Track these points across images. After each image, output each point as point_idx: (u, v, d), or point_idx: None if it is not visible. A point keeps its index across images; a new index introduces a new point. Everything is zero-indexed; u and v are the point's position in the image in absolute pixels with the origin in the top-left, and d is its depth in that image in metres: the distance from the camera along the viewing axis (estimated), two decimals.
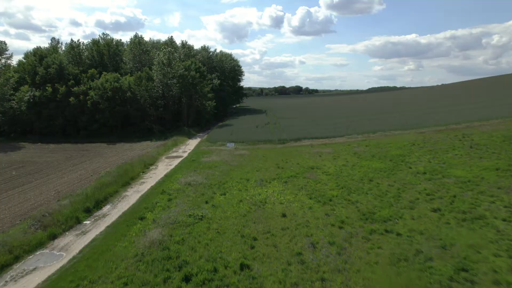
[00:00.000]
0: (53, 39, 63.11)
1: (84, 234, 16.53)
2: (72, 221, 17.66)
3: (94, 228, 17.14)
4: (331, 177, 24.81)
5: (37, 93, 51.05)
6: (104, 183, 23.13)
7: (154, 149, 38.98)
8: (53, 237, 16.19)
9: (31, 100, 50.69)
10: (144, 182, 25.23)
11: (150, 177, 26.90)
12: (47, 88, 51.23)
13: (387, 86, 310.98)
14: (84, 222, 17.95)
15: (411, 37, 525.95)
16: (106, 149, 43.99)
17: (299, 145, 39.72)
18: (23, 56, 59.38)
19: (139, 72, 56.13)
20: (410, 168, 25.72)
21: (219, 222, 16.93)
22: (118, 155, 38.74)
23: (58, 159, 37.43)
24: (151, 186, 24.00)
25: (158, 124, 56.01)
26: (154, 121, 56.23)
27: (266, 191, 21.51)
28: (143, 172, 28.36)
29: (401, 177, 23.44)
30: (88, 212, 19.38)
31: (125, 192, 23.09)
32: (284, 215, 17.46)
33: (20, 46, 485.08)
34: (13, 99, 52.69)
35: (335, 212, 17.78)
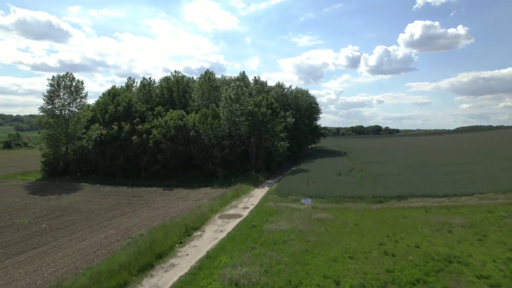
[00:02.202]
0: (129, 78, 63.90)
1: None
2: None
3: None
4: None
5: (104, 131, 49.16)
6: (113, 267, 15.09)
7: (208, 202, 30.91)
8: None
9: (98, 138, 48.83)
10: (173, 266, 16.52)
11: (187, 254, 18.16)
12: (113, 126, 49.09)
13: (480, 126, 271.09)
14: None
15: (507, 71, 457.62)
16: (159, 196, 37.80)
17: (405, 207, 27.46)
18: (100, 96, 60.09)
19: (205, 109, 51.12)
20: None
21: None
22: (167, 207, 31.72)
23: (103, 207, 32.00)
24: (179, 277, 15.10)
25: (223, 167, 49.02)
26: (218, 163, 49.52)
27: None
28: (181, 242, 19.87)
29: None
30: None
31: (138, 286, 14.58)
32: None
33: None
34: (84, 138, 51.87)
35: None
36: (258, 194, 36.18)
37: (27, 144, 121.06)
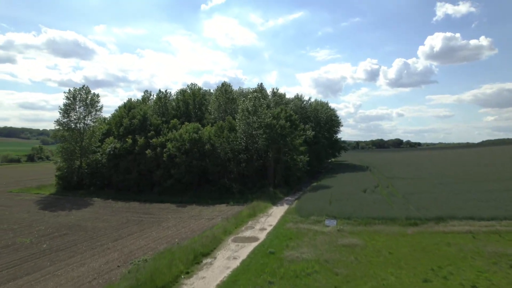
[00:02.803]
0: (145, 91, 63.16)
1: None
2: None
3: None
4: None
5: (118, 145, 47.94)
6: None
7: (222, 222, 28.24)
8: None
9: (111, 152, 47.62)
10: None
11: None
12: (127, 139, 47.82)
13: (507, 139, 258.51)
14: None
15: None
16: (171, 213, 35.55)
17: (446, 231, 23.85)
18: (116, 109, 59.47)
19: (221, 121, 49.15)
20: None
21: None
22: (177, 226, 29.33)
23: (110, 226, 30.01)
24: None
25: (239, 183, 46.47)
26: (234, 178, 47.04)
27: None
28: (187, 272, 17.25)
29: None
30: None
31: None
32: None
33: None
34: (98, 151, 50.88)
35: None
36: (276, 212, 33.26)
37: (49, 158, 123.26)
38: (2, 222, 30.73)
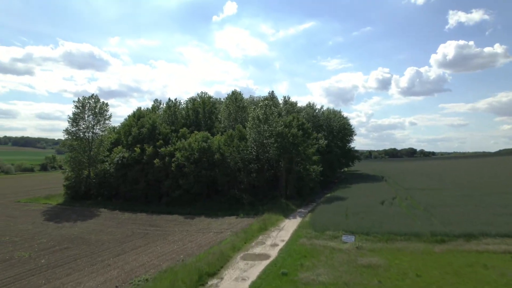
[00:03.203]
0: (155, 100, 62.47)
1: None
2: None
3: None
4: None
5: (126, 154, 46.98)
6: None
7: (231, 237, 26.42)
8: None
9: (119, 161, 46.65)
10: None
11: None
12: (135, 149, 46.83)
13: None
14: None
15: None
16: (178, 226, 33.97)
17: (480, 250, 21.40)
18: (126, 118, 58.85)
19: (231, 130, 47.73)
20: None
21: None
22: (184, 240, 27.67)
23: (114, 239, 28.63)
24: None
25: (249, 193, 44.66)
26: (244, 189, 45.28)
27: None
28: None
29: None
30: None
31: None
32: None
33: None
34: (107, 161, 50.05)
35: None
36: (288, 226, 31.24)
37: (62, 167, 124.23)
38: (4, 234, 29.73)
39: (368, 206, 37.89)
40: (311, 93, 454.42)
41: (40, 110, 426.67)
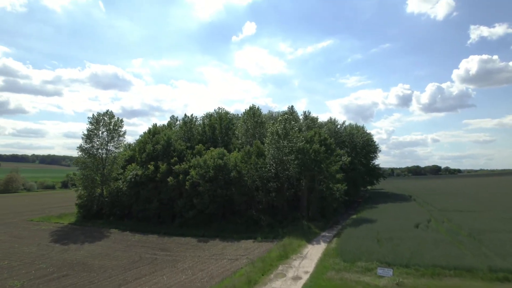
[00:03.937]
0: (172, 117, 61.17)
1: None
2: None
3: None
4: None
5: (139, 172, 45.04)
6: None
7: (246, 267, 23.12)
8: None
9: (133, 179, 44.71)
10: None
11: None
12: (149, 166, 44.84)
13: None
14: None
15: None
16: (190, 250, 30.98)
17: None
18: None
19: (248, 146, 45.02)
20: None
21: None
22: (194, 269, 24.59)
23: (119, 265, 25.99)
24: None
25: (268, 214, 41.31)
26: (262, 209, 42.00)
27: None
28: None
29: None
30: None
31: None
32: None
33: None
34: (120, 179, 48.32)
35: None
36: (312, 254, 27.60)
37: (74, 185, 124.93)
38: (4, 258, 27.80)
39: (402, 230, 33.70)
40: (330, 110, 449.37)
41: (67, 129, 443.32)
